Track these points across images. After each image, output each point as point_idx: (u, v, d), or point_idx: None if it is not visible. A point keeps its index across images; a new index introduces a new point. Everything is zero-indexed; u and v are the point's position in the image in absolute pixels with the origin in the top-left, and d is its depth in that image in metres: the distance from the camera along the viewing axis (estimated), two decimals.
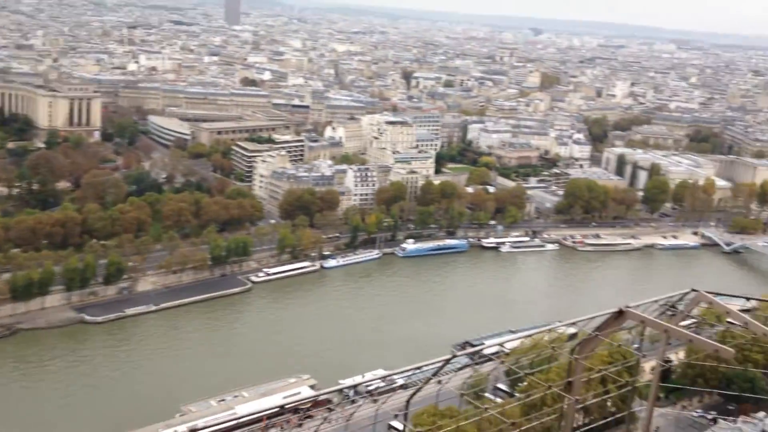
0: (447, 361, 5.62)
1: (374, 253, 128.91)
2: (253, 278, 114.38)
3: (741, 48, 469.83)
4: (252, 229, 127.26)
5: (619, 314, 6.22)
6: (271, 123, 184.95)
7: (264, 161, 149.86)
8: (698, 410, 72.67)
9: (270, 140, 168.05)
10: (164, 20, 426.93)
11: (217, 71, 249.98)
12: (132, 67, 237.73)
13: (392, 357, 79.25)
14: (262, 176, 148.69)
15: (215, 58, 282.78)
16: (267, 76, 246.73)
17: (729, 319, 6.57)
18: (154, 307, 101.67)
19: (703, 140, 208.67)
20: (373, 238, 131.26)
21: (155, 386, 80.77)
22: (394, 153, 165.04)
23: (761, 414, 61.93)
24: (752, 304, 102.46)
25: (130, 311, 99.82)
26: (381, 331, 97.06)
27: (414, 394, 7.34)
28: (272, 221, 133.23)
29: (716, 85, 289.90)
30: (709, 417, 66.65)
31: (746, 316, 6.54)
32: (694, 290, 6.76)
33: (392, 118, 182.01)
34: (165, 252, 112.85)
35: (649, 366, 63.58)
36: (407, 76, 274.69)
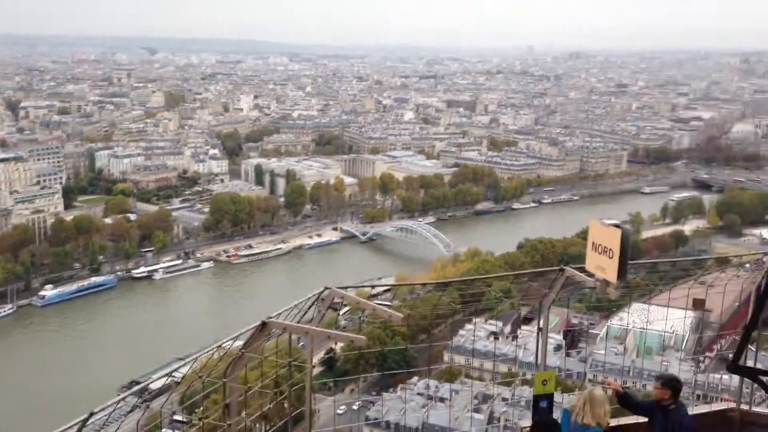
0: (84, 422, 5.13)
1: (7, 308, 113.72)
2: None
3: (343, 57, 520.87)
4: None
5: (263, 326, 6.37)
6: None
7: None
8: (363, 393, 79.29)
9: None
10: None
11: None
12: None
13: (51, 424, 70.62)
14: None
15: None
16: None
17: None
18: None
19: (327, 143, 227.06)
20: (2, 292, 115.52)
21: None
22: (12, 193, 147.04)
23: (415, 379, 70.09)
24: (387, 281, 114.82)
25: None
26: (34, 397, 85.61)
27: None
28: None
29: (329, 92, 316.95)
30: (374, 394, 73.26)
31: (371, 302, 7.21)
32: (327, 288, 7.24)
33: (3, 155, 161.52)
34: None
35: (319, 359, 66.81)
36: (13, 107, 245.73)
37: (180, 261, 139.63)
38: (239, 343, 6.71)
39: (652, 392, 8.25)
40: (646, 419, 8.35)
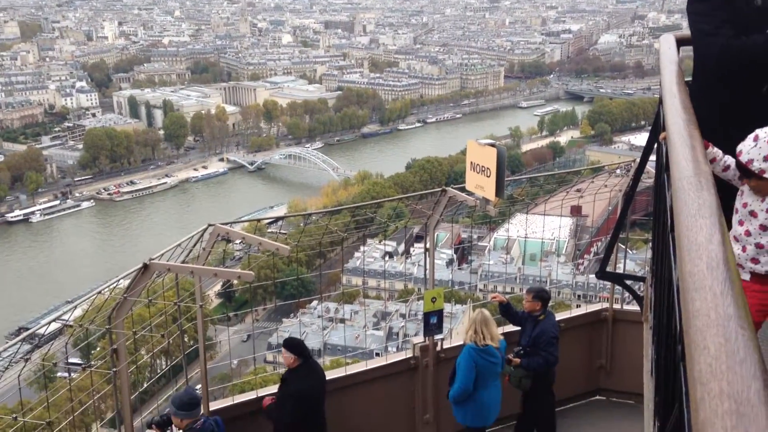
0: None
1: None
2: None
3: None
4: None
5: (146, 268, 6.16)
6: None
7: None
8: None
9: None
10: None
11: None
12: None
13: None
14: None
15: None
16: None
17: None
18: None
19: (203, 71, 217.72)
20: None
21: None
22: None
23: (314, 303, 70.39)
24: (280, 210, 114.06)
25: None
26: None
27: None
28: None
29: (199, 16, 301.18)
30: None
31: (257, 236, 7.13)
32: (210, 225, 7.05)
33: None
34: None
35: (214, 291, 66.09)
36: None
37: (58, 202, 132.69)
38: (127, 282, 6.51)
39: (524, 304, 8.70)
40: (519, 328, 8.86)
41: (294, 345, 7.42)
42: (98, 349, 62.49)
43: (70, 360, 62.67)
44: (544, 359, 8.33)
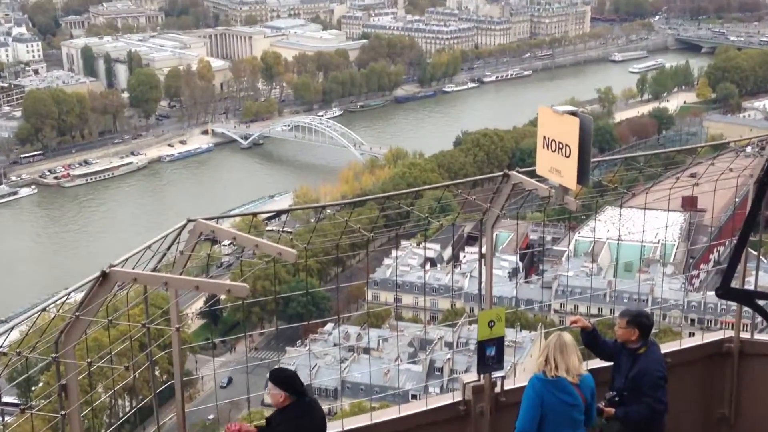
0: None
1: None
2: None
3: None
4: None
5: (104, 277, 6.24)
6: None
7: None
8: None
9: None
10: None
11: None
12: None
13: None
14: None
15: None
16: None
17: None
18: None
19: (182, 13, 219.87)
20: None
21: None
22: None
23: (329, 327, 70.96)
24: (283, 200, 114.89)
25: None
26: None
27: None
28: None
29: None
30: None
31: (254, 237, 7.17)
32: (190, 220, 7.13)
33: None
34: None
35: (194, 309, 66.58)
36: None
37: None
38: (79, 297, 6.59)
39: (616, 332, 8.62)
40: (611, 364, 8.77)
41: (283, 378, 7.43)
42: (41, 384, 63.48)
43: (4, 399, 63.87)
44: (648, 408, 8.19)
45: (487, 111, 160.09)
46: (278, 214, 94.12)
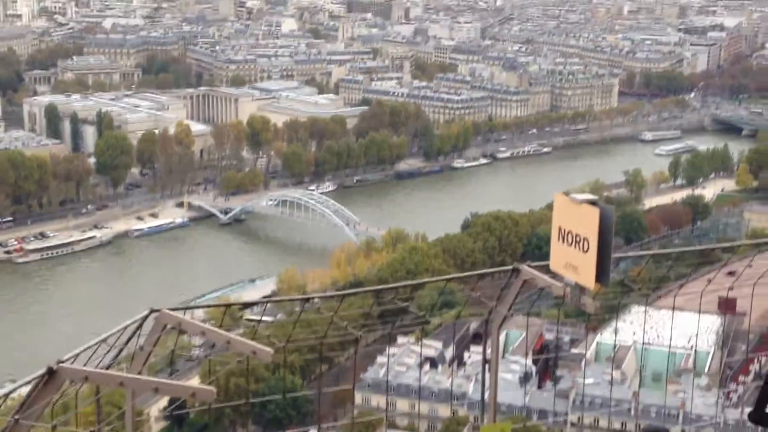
0: None
1: None
2: None
3: None
4: None
5: (51, 374, 6.19)
6: None
7: None
8: None
9: None
10: None
11: None
12: None
13: None
14: None
15: None
16: None
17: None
18: None
19: (161, 70, 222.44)
20: None
21: None
22: None
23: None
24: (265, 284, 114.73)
25: None
26: None
27: None
28: None
29: None
30: None
31: (225, 333, 7.15)
32: (154, 310, 7.11)
33: None
34: None
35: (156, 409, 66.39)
36: None
37: None
38: (22, 395, 6.52)
39: None
40: None
41: None
42: None
43: None
44: None
45: (501, 191, 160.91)
46: (253, 304, 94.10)
